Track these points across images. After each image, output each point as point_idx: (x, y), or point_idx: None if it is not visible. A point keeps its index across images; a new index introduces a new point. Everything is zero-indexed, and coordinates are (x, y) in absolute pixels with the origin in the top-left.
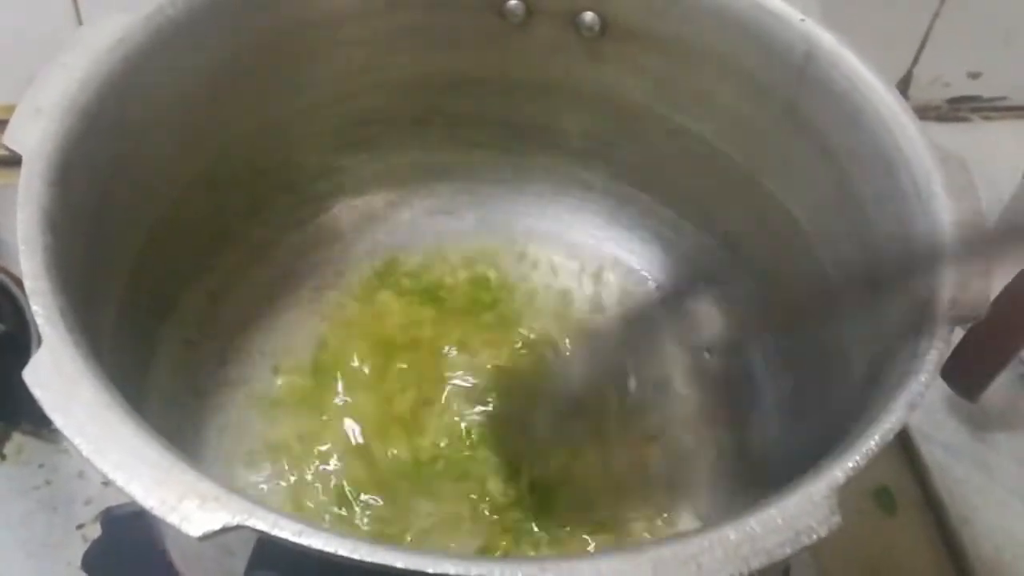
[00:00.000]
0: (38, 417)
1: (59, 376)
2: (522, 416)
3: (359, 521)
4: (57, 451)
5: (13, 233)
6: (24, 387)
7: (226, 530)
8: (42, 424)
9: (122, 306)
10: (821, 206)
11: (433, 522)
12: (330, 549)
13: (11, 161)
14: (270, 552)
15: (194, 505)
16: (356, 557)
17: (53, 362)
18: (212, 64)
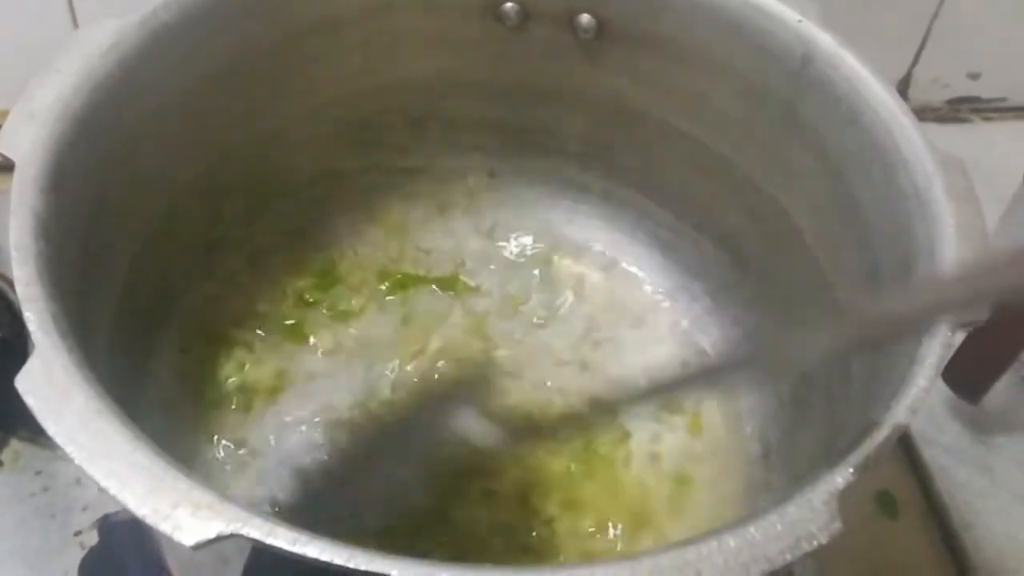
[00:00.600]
0: (35, 424)
1: (51, 384)
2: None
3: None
4: (54, 458)
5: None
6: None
7: (220, 539)
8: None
9: (117, 312)
10: (820, 208)
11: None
12: (325, 558)
13: (4, 166)
14: (265, 561)
15: (187, 513)
16: (351, 566)
17: (45, 369)
18: (207, 69)
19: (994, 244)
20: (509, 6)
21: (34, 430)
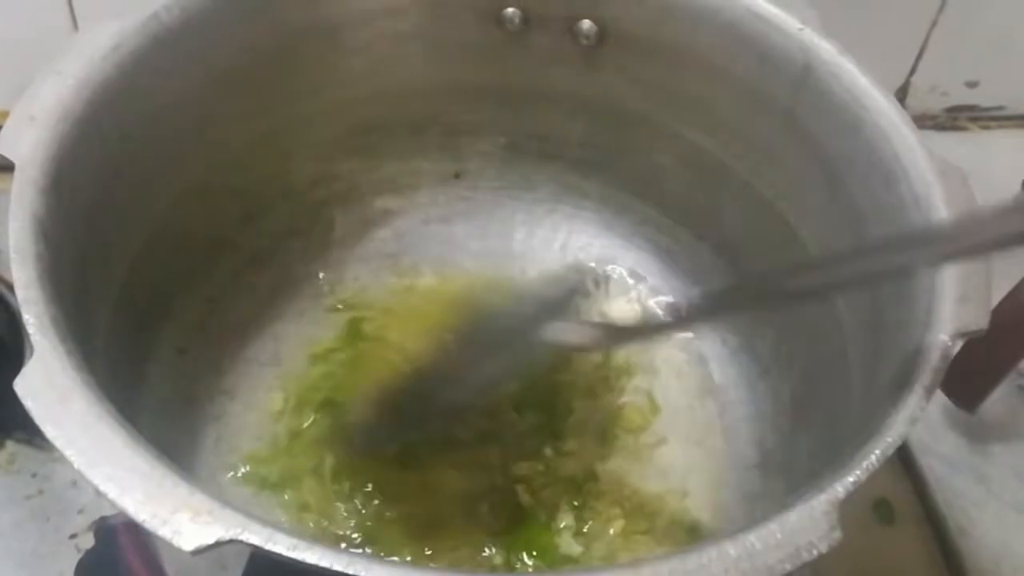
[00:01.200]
0: (31, 426)
1: (50, 386)
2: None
3: (360, 518)
4: (50, 460)
5: (6, 239)
6: (17, 395)
7: (219, 544)
8: (35, 433)
9: (116, 315)
10: (819, 216)
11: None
12: (324, 564)
13: (4, 168)
14: (264, 566)
15: (186, 518)
16: (351, 572)
17: (44, 372)
18: (208, 71)
19: None
20: (510, 12)
21: (30, 432)
